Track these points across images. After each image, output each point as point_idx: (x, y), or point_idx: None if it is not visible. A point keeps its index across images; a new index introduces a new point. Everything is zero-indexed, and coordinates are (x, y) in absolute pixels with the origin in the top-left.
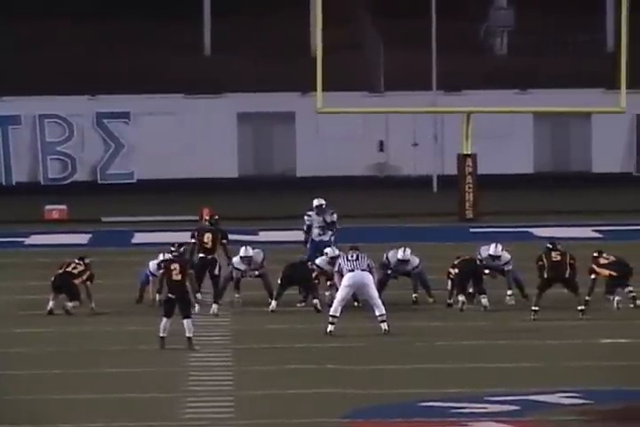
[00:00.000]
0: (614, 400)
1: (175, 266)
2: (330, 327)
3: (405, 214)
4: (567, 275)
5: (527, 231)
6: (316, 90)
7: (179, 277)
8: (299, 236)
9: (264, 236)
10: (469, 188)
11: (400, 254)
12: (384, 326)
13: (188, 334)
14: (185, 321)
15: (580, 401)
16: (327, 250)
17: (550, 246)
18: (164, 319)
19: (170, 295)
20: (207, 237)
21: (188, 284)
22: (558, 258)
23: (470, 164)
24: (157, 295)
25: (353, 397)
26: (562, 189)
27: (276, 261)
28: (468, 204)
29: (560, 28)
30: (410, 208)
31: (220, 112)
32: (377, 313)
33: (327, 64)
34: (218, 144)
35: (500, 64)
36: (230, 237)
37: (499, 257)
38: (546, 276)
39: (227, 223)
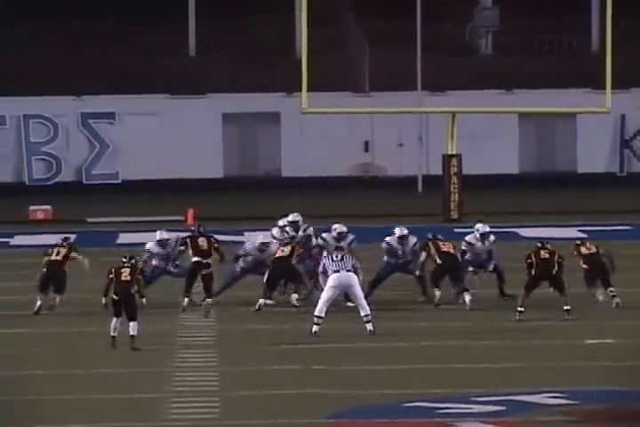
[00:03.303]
0: (599, 401)
1: (126, 270)
2: (315, 328)
3: (390, 215)
4: (554, 273)
5: (513, 231)
6: (300, 90)
7: (127, 278)
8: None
9: (249, 236)
10: (454, 188)
11: (398, 231)
12: (369, 326)
13: (132, 333)
14: (131, 323)
15: (566, 401)
16: (335, 226)
17: (540, 245)
18: (114, 319)
19: (115, 297)
20: (202, 241)
21: (135, 288)
22: (547, 256)
23: (455, 164)
24: (104, 298)
25: (338, 397)
26: (547, 190)
27: None
28: (452, 204)
29: (545, 29)
30: (395, 209)
31: (205, 113)
32: (362, 314)
33: (312, 64)
34: (203, 145)
35: (484, 64)
36: (222, 237)
37: (488, 235)
38: (533, 273)
39: (212, 224)
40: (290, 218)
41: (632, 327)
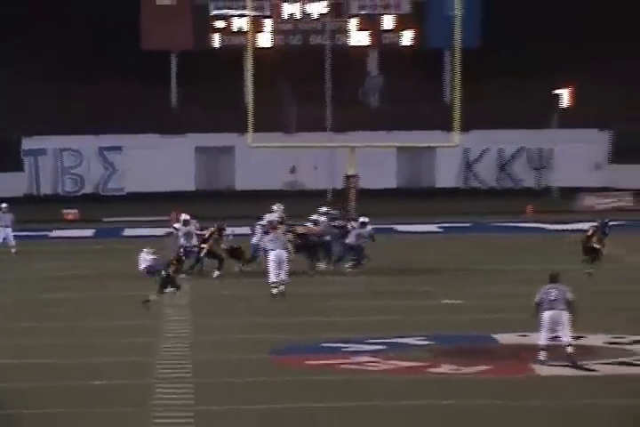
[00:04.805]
0: (451, 342)
1: None
2: (274, 291)
3: (307, 216)
4: None
5: (391, 227)
6: (248, 131)
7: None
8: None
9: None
10: (353, 197)
11: (361, 219)
12: (282, 289)
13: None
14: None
15: (429, 342)
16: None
17: None
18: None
19: None
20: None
21: None
22: None
23: (353, 181)
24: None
25: (278, 340)
26: (416, 198)
27: None
28: (350, 208)
29: (414, 86)
30: (311, 212)
31: (184, 146)
32: (283, 278)
33: (257, 113)
34: (182, 168)
35: (373, 113)
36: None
37: (366, 224)
38: None
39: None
40: (183, 216)
41: (480, 292)
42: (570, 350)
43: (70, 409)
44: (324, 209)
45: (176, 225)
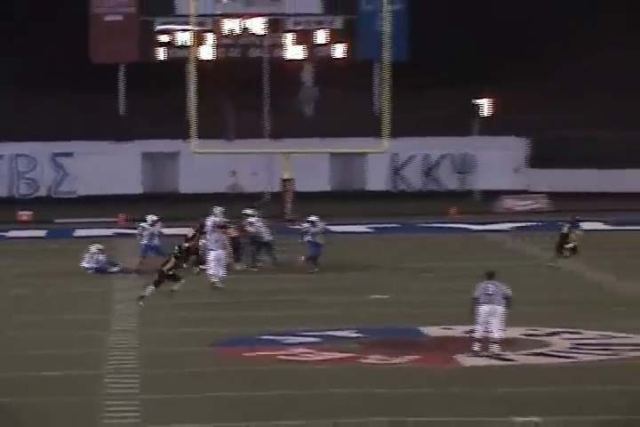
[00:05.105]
0: (380, 334)
1: None
2: (217, 284)
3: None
4: None
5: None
6: (191, 138)
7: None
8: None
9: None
10: (289, 199)
11: (311, 218)
12: (219, 285)
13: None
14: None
15: (359, 335)
16: (251, 219)
17: None
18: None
19: None
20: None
21: None
22: None
23: (289, 184)
24: None
25: (219, 333)
26: (348, 201)
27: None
28: (287, 209)
29: (346, 96)
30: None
31: (131, 152)
32: (221, 275)
33: (199, 121)
34: (129, 172)
35: (308, 122)
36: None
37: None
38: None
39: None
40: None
41: (408, 288)
42: (496, 345)
43: (22, 399)
44: (248, 211)
45: (143, 224)
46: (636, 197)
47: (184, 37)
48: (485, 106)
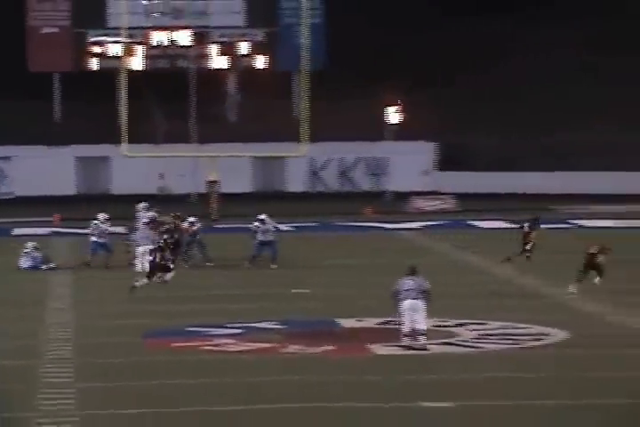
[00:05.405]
0: (300, 326)
1: None
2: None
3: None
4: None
5: (246, 227)
6: (122, 142)
7: None
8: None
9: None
10: (214, 200)
11: (261, 216)
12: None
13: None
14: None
15: (280, 326)
16: (191, 218)
17: None
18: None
19: None
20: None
21: None
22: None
23: (214, 186)
24: None
25: (149, 325)
26: (270, 201)
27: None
28: (212, 210)
29: (267, 104)
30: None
31: (66, 156)
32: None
33: (130, 127)
34: (64, 175)
35: (232, 127)
36: (75, 230)
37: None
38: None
39: (71, 223)
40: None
41: (326, 283)
42: (422, 338)
43: None
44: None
45: (95, 222)
46: (535, 197)
47: (115, 49)
48: (397, 113)
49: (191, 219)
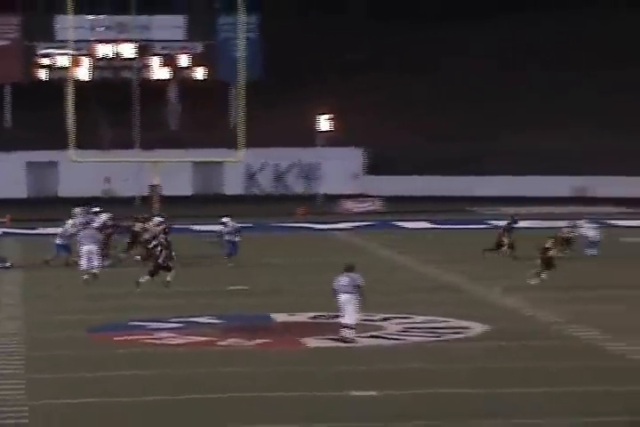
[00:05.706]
0: (236, 320)
1: None
2: (85, 277)
3: (121, 218)
4: None
5: (188, 227)
6: (71, 148)
7: None
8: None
9: (44, 230)
10: (156, 202)
11: (223, 219)
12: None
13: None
14: None
15: (218, 321)
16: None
17: None
18: None
19: None
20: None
21: None
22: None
23: (156, 189)
24: None
25: (94, 320)
26: (208, 203)
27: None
28: (154, 211)
29: (206, 112)
30: (123, 213)
31: (17, 161)
32: (93, 265)
33: (77, 134)
34: (15, 178)
35: (173, 134)
36: (26, 231)
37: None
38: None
39: (22, 223)
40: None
41: (261, 280)
42: (347, 330)
43: None
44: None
45: (65, 226)
46: (456, 199)
47: (63, 60)
48: (328, 120)
49: (158, 218)
